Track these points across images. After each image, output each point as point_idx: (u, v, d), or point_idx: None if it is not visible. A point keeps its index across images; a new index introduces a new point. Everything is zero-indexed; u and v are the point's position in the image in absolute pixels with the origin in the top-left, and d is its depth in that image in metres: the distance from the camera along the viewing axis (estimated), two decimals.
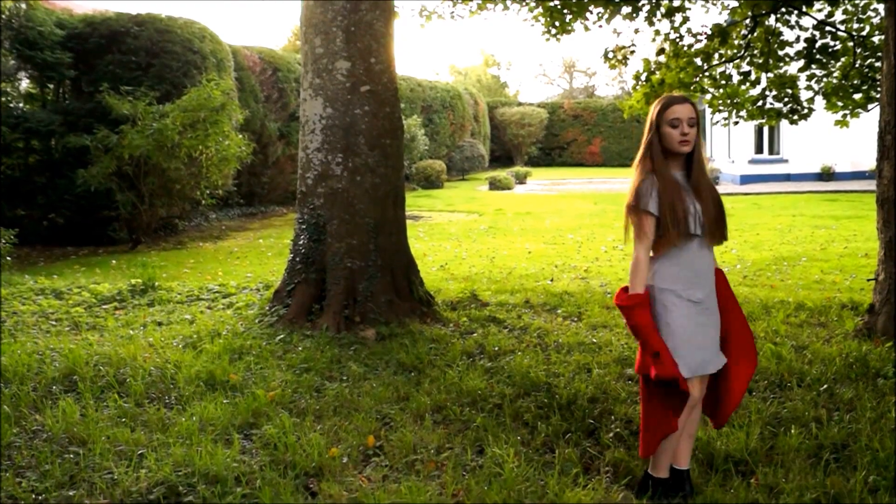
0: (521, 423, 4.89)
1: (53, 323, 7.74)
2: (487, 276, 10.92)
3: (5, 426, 4.73)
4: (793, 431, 4.51)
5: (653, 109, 3.69)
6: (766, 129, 30.03)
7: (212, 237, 17.76)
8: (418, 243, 14.98)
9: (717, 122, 11.31)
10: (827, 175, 29.71)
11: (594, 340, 6.81)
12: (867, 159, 26.75)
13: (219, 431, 4.69)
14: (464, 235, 17.01)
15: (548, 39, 10.75)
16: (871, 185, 8.18)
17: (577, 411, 5.00)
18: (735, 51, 10.46)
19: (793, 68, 10.60)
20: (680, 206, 3.58)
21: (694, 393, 3.71)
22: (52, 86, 17.84)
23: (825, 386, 5.37)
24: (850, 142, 25.85)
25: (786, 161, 30.45)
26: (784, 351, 6.17)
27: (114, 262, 13.52)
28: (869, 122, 11.25)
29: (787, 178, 30.21)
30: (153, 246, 16.19)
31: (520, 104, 48.62)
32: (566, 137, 47.97)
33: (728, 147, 31.94)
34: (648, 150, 3.67)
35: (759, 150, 31.04)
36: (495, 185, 30.53)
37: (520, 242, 15.41)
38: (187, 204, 17.14)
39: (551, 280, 10.48)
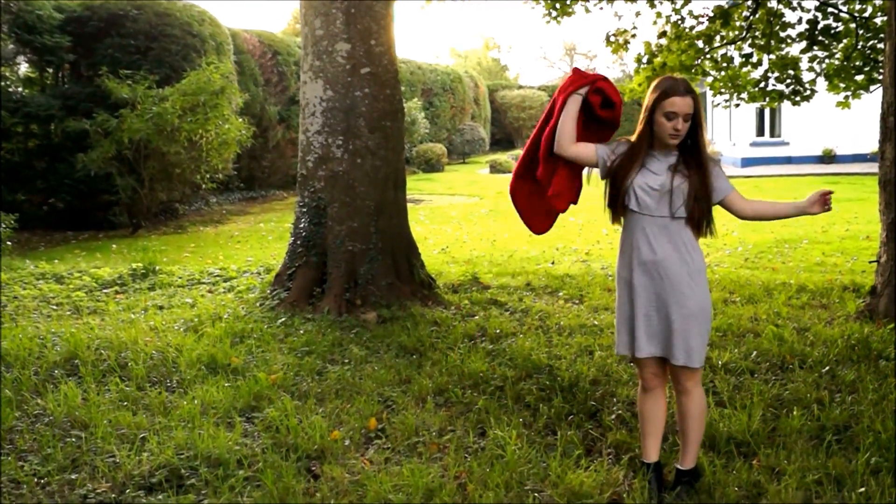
0: (523, 405, 4.89)
1: (54, 307, 7.73)
2: (489, 258, 10.91)
3: (7, 410, 4.73)
4: (795, 413, 4.50)
5: (652, 91, 3.56)
6: (767, 112, 29.92)
7: (212, 221, 17.75)
8: (419, 226, 14.96)
9: (719, 104, 11.29)
10: (828, 158, 29.63)
11: (596, 323, 6.81)
12: (868, 142, 26.66)
13: (220, 414, 4.69)
14: (465, 218, 17.00)
15: (548, 22, 10.70)
16: (873, 167, 8.18)
17: (578, 393, 5.00)
18: (737, 33, 10.42)
19: (795, 50, 10.55)
20: (632, 175, 3.60)
21: (642, 374, 3.78)
22: (51, 70, 17.77)
23: (827, 368, 5.37)
24: (852, 124, 25.75)
25: (787, 144, 30.35)
26: (786, 333, 6.17)
27: (114, 246, 13.51)
28: (870, 104, 11.21)
29: (789, 160, 30.12)
30: (153, 230, 16.18)
31: (520, 87, 48.47)
32: None
33: (729, 130, 31.85)
34: (641, 131, 3.63)
35: (760, 132, 30.93)
36: (496, 169, 30.47)
37: (520, 225, 15.33)
38: (188, 188, 17.12)
39: (552, 263, 10.47)
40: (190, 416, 4.62)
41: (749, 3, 10.16)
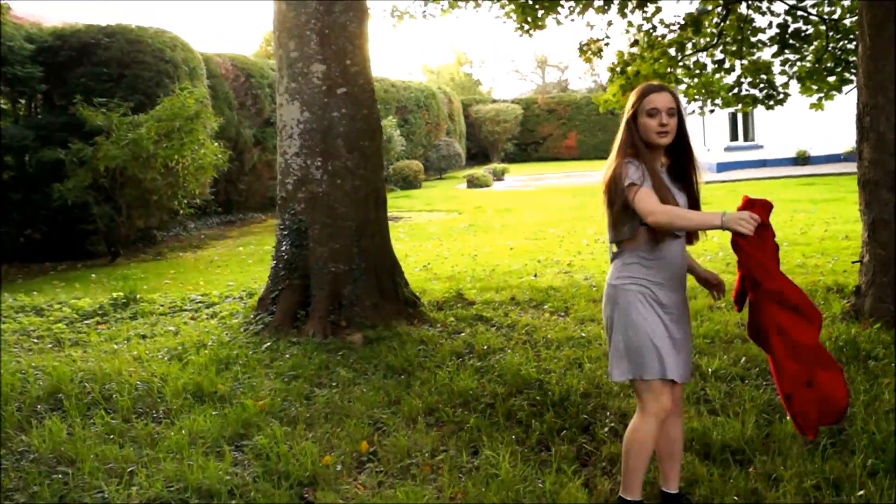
0: (515, 421, 4.86)
1: (35, 340, 7.63)
2: (471, 274, 10.88)
3: None
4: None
5: (630, 100, 3.52)
6: (740, 116, 30.19)
7: (191, 247, 17.62)
8: (399, 244, 14.89)
9: (693, 111, 11.34)
10: (802, 159, 29.86)
11: (583, 335, 6.79)
12: (841, 142, 26.90)
13: (209, 444, 4.63)
14: (445, 234, 16.97)
15: (521, 35, 10.74)
16: (847, 167, 8.30)
17: (570, 407, 4.98)
18: (708, 39, 10.50)
19: (766, 54, 10.64)
20: (671, 198, 3.38)
21: (662, 400, 3.44)
22: (23, 101, 17.63)
23: None
24: (825, 125, 25.96)
25: (761, 147, 30.58)
26: None
27: (93, 275, 13.36)
28: (842, 105, 11.31)
29: (763, 164, 30.34)
30: (132, 258, 16.04)
31: (494, 101, 48.68)
32: (541, 132, 48.10)
33: (703, 135, 32.03)
34: (628, 141, 3.46)
35: (734, 137, 31.20)
36: (473, 183, 30.49)
37: (501, 239, 15.38)
38: (165, 214, 16.97)
39: (535, 275, 10.45)
40: (178, 447, 4.55)
41: (719, 9, 10.24)
